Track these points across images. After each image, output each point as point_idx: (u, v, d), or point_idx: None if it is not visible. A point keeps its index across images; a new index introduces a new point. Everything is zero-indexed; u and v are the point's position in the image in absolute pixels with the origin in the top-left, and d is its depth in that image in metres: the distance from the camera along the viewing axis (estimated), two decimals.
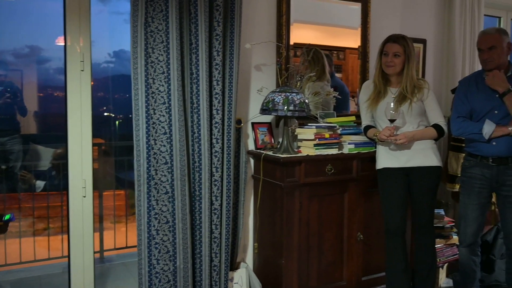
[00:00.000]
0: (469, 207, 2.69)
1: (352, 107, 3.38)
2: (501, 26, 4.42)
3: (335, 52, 3.46)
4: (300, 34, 3.13)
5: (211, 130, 2.62)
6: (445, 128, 2.69)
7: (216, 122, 2.62)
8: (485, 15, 4.00)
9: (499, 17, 4.41)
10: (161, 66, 2.49)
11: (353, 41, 3.36)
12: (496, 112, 2.57)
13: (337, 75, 3.45)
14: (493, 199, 2.86)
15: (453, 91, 3.19)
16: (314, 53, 3.13)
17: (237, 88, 2.70)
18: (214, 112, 2.62)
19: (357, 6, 3.29)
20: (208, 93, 2.58)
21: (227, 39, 2.66)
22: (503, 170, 2.59)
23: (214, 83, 2.61)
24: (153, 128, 2.49)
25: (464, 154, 2.82)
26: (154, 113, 2.49)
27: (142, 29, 2.43)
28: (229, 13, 2.65)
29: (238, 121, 2.81)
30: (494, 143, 2.58)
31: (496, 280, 3.04)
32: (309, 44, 3.13)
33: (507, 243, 2.70)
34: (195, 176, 2.61)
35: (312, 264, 2.76)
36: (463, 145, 2.82)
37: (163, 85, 2.50)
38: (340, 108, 3.28)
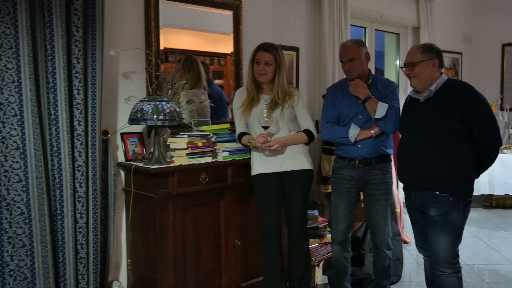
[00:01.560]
0: (340, 206, 2.82)
1: (231, 114, 3.38)
2: (366, 35, 4.77)
3: (216, 58, 3.43)
4: (174, 40, 3.04)
5: (72, 143, 2.45)
6: (314, 132, 2.80)
7: (79, 134, 2.45)
8: (351, 25, 4.28)
9: (365, 27, 4.76)
10: (11, 75, 2.26)
11: (230, 47, 3.36)
12: (360, 116, 2.74)
13: (219, 81, 3.42)
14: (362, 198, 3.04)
15: (324, 97, 3.35)
16: (187, 59, 3.07)
17: (102, 97, 2.56)
18: (76, 123, 2.44)
19: (229, 13, 3.30)
20: (68, 104, 2.41)
21: (89, 46, 2.50)
22: (368, 170, 2.75)
23: (75, 92, 2.44)
24: (3, 143, 2.26)
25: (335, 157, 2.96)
26: (4, 127, 2.26)
27: None
28: (90, 18, 2.49)
29: (105, 132, 2.66)
30: (359, 146, 2.73)
31: (366, 273, 3.24)
32: (182, 50, 3.06)
33: (373, 238, 2.88)
34: (55, 194, 2.41)
35: (190, 275, 2.70)
36: (334, 148, 2.96)
37: (13, 96, 2.27)
38: (219, 115, 3.25)
